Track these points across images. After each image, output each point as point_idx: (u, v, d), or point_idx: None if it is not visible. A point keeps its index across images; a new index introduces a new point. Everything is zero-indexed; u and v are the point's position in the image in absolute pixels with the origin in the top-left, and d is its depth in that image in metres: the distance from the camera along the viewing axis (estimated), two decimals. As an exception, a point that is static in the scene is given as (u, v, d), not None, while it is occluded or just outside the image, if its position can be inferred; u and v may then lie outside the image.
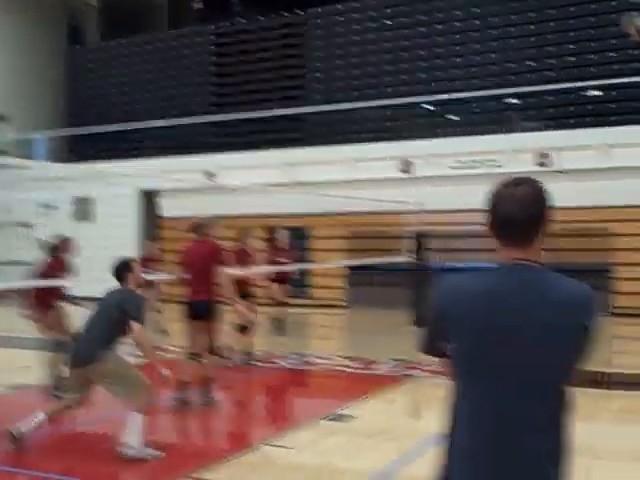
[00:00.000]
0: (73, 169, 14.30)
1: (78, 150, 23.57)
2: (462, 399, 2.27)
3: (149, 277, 13.51)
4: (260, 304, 11.27)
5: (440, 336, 2.32)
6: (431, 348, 2.42)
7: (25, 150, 22.79)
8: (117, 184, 13.90)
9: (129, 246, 17.99)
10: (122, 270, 6.49)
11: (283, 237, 13.21)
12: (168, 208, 19.70)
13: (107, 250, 9.89)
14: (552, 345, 2.16)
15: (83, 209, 18.70)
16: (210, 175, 19.14)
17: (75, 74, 25.76)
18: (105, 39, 25.97)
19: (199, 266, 7.83)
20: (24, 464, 6.02)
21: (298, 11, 22.14)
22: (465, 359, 2.25)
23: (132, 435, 6.04)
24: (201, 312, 7.82)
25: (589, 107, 17.50)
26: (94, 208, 18.07)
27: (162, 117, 22.09)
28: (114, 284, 6.45)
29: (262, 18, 23.19)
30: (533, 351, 2.15)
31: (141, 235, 20.54)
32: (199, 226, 8.04)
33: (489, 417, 2.20)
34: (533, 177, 2.30)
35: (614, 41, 17.41)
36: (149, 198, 20.81)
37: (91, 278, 9.90)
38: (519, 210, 2.19)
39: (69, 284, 8.71)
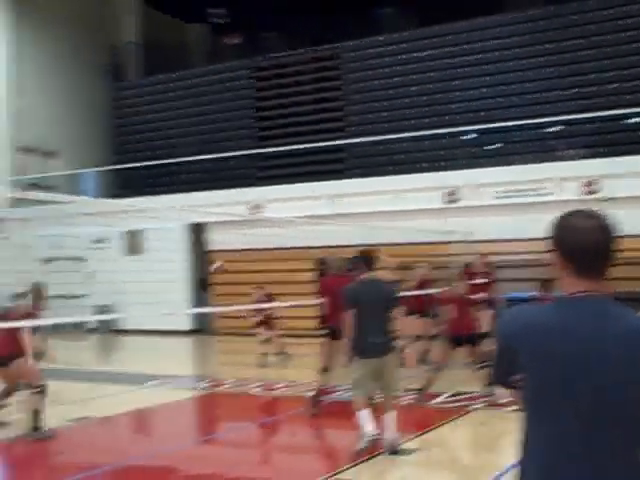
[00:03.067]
0: (122, 204, 14.57)
1: (126, 185, 24.02)
2: (534, 432, 2.27)
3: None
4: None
5: (508, 367, 2.33)
6: (501, 379, 2.43)
7: (75, 185, 23.23)
8: (165, 218, 14.13)
9: (178, 279, 18.13)
10: (373, 259, 7.23)
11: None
12: (215, 241, 19.90)
13: (156, 284, 10.03)
14: (625, 378, 2.15)
15: (133, 243, 18.99)
16: (255, 208, 19.34)
17: (119, 110, 26.28)
18: (145, 76, 26.46)
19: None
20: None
21: (330, 45, 22.34)
22: (536, 392, 2.24)
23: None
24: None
25: (631, 134, 17.45)
26: (143, 242, 18.34)
27: (206, 151, 22.42)
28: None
29: (295, 52, 23.45)
30: (607, 384, 2.15)
31: (189, 268, 20.74)
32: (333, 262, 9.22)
33: (563, 452, 2.19)
34: (581, 205, 2.36)
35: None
36: (197, 231, 21.06)
37: (142, 311, 10.03)
38: (600, 242, 2.21)
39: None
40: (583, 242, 2.22)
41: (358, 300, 7.07)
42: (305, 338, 14.77)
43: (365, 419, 7.06)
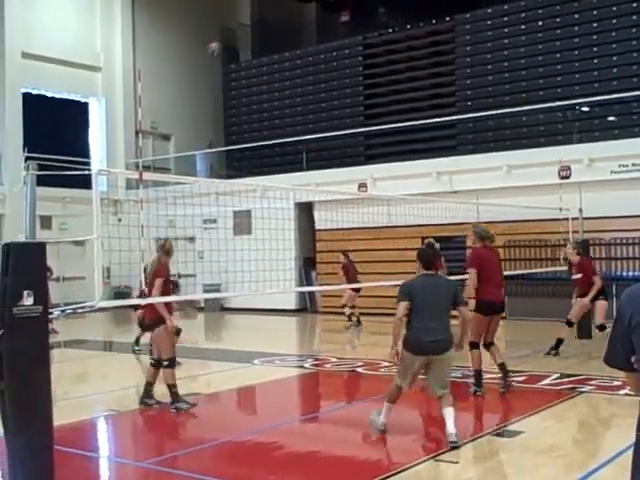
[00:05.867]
0: (232, 184, 14.82)
1: (236, 165, 24.51)
2: None
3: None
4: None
5: (627, 348, 2.20)
6: (617, 360, 2.30)
7: (187, 167, 23.91)
8: (274, 198, 14.30)
9: (287, 258, 18.41)
10: (436, 257, 7.33)
11: None
12: (322, 220, 20.03)
13: (265, 262, 10.13)
14: None
15: (241, 223, 19.37)
16: (363, 186, 19.29)
17: (230, 92, 26.77)
18: (256, 56, 26.82)
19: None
20: (197, 469, 6.28)
21: (446, 18, 21.93)
22: None
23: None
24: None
25: None
26: (252, 222, 18.68)
27: (314, 130, 22.53)
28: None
29: (409, 27, 23.15)
30: None
31: (298, 247, 20.96)
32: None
33: None
34: None
35: None
36: (304, 210, 21.24)
37: (253, 290, 10.16)
38: None
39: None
40: None
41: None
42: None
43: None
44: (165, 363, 8.52)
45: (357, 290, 15.94)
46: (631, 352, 2.20)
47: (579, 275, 11.94)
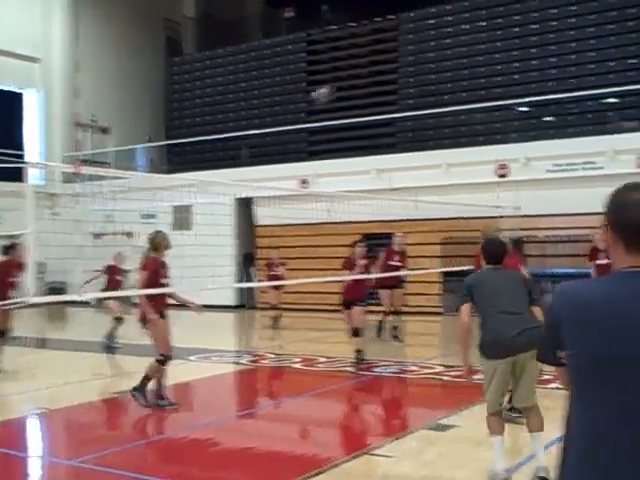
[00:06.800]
0: (172, 179, 14.67)
1: (176, 160, 24.27)
2: (582, 409, 2.18)
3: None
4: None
5: (555, 344, 2.25)
6: (547, 356, 2.34)
7: (127, 161, 23.55)
8: (214, 193, 14.23)
9: (226, 254, 18.33)
10: (505, 252, 5.93)
11: (398, 241, 13.71)
12: (263, 216, 19.97)
13: (205, 258, 10.06)
14: None
15: (181, 218, 19.20)
16: (304, 182, 19.30)
17: (173, 85, 26.51)
18: (200, 50, 26.63)
19: None
20: (130, 467, 6.20)
21: (390, 16, 22.07)
22: (584, 367, 2.15)
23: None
24: None
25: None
26: (192, 217, 18.54)
27: (257, 126, 22.46)
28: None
29: (353, 24, 23.24)
30: None
31: (238, 243, 20.86)
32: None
33: (617, 428, 2.08)
34: (636, 179, 2.25)
35: None
36: (245, 206, 21.14)
37: (191, 286, 10.11)
38: None
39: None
40: (630, 216, 2.14)
41: None
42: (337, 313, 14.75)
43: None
44: (159, 357, 8.30)
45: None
46: (559, 348, 2.24)
47: (607, 260, 11.76)
